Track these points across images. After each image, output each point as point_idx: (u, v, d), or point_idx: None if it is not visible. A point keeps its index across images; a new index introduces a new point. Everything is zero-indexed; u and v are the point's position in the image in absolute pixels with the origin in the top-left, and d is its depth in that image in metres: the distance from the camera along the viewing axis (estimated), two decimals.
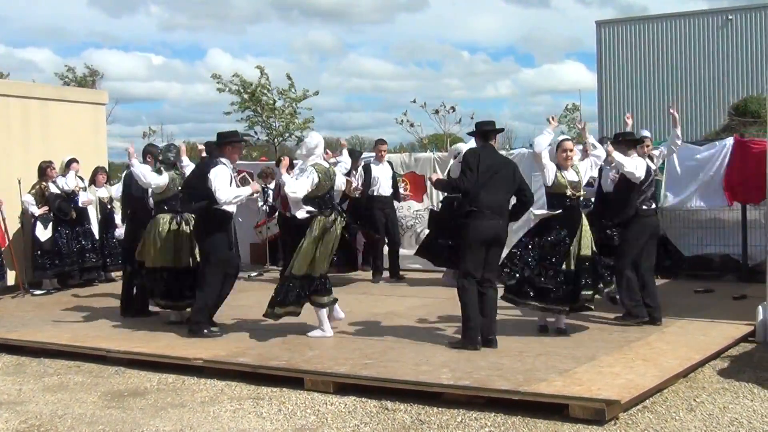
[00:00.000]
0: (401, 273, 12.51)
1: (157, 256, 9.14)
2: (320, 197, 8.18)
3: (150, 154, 9.75)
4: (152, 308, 9.72)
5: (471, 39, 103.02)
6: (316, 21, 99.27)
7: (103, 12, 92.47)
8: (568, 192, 8.01)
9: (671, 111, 9.78)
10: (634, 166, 8.41)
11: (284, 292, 8.17)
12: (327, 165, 8.37)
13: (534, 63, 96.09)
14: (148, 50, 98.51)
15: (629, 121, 9.55)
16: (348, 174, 10.97)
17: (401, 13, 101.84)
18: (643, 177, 8.45)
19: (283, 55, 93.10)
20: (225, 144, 8.54)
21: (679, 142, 9.94)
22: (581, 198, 8.27)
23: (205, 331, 8.49)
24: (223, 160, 8.45)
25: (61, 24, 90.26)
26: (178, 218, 9.23)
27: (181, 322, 9.23)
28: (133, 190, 9.86)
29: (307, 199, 8.23)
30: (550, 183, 8.04)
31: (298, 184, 8.13)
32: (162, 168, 9.29)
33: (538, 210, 8.43)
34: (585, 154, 8.58)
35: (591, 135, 8.80)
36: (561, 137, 8.42)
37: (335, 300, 8.39)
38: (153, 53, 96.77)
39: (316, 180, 8.11)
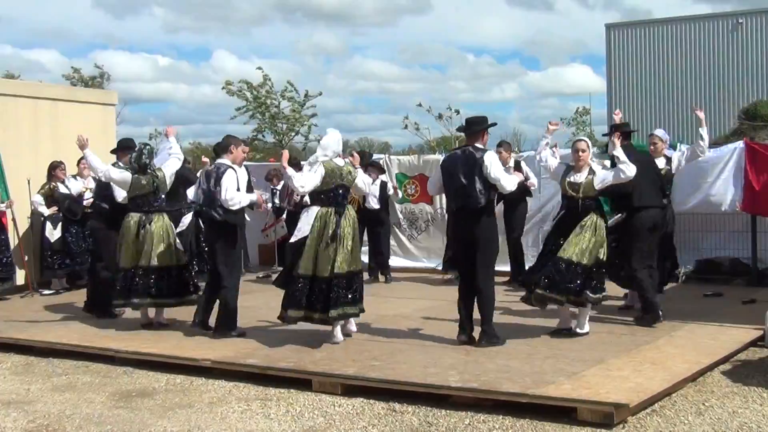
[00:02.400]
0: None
1: (128, 257, 9.07)
2: (324, 192, 8.06)
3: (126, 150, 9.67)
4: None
5: (475, 42, 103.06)
6: (320, 23, 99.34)
7: (107, 13, 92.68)
8: (568, 193, 8.19)
9: (696, 111, 9.60)
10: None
11: (291, 293, 8.03)
12: (340, 164, 8.20)
13: (539, 66, 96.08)
14: (153, 51, 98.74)
15: (617, 117, 9.52)
16: None
17: (405, 15, 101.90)
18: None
19: (289, 56, 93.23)
20: (482, 131, 8.09)
21: (703, 143, 9.55)
22: (588, 200, 8.15)
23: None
24: (477, 145, 8.00)
25: (66, 25, 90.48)
26: (144, 218, 9.10)
27: (151, 323, 9.25)
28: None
29: (311, 195, 8.25)
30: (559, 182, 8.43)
31: (305, 178, 8.11)
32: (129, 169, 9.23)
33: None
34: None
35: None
36: (576, 138, 8.55)
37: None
38: (159, 54, 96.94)
39: (322, 173, 8.02)
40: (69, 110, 13.33)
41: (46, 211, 12.08)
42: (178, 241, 9.43)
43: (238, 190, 8.53)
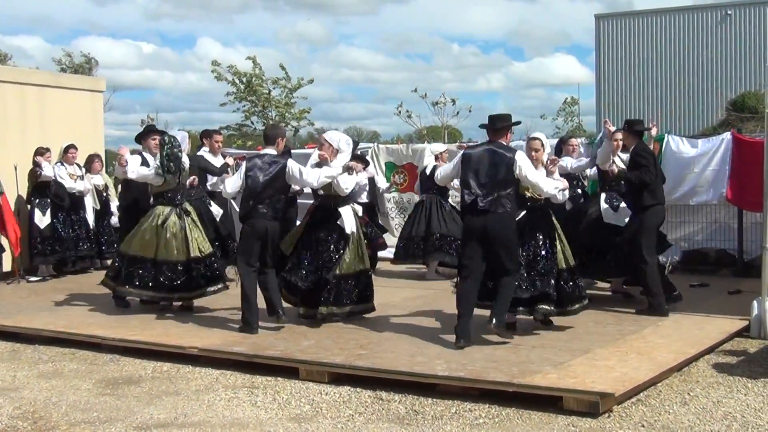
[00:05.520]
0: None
1: (139, 246, 9.04)
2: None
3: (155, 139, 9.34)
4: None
5: (459, 31, 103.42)
6: (302, 11, 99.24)
7: (87, 0, 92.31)
8: (527, 194, 7.79)
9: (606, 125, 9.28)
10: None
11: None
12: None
13: (524, 56, 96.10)
14: (137, 38, 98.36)
15: (609, 127, 9.17)
16: None
17: (387, 4, 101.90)
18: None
19: (273, 45, 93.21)
20: (506, 128, 7.66)
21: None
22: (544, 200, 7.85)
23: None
24: (502, 143, 7.64)
25: (48, 12, 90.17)
26: (178, 210, 9.14)
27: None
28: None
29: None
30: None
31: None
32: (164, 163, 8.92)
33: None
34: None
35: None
36: (532, 134, 8.32)
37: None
38: (143, 42, 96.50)
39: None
40: (57, 96, 13.27)
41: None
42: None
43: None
